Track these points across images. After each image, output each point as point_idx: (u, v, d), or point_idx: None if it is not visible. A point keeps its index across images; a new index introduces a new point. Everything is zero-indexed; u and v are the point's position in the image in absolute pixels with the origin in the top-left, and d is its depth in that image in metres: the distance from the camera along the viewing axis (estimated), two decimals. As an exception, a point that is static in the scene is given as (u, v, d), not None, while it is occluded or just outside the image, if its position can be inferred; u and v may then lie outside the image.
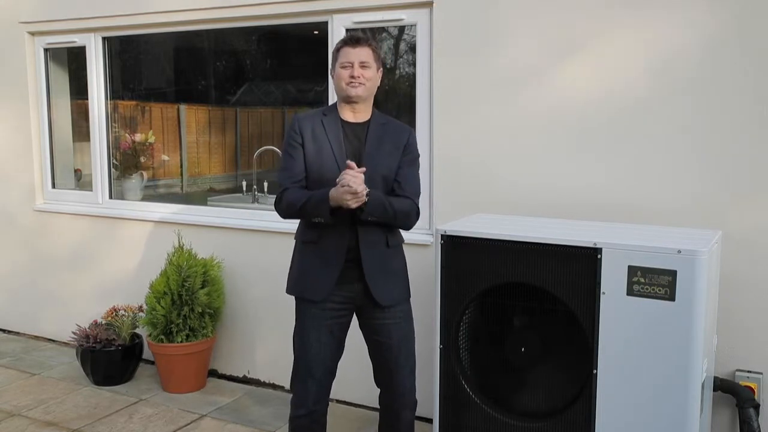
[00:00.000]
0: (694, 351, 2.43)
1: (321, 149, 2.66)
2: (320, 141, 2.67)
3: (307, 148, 2.67)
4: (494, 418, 2.81)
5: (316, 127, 2.68)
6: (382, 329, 2.74)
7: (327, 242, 2.67)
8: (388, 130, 2.75)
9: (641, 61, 3.10)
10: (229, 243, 4.29)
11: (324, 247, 2.67)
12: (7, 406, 3.93)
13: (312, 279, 2.70)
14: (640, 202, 3.16)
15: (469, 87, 3.47)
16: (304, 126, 2.69)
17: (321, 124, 2.69)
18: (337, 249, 2.66)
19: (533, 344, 2.74)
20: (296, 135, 2.69)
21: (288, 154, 2.71)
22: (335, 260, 2.66)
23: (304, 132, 2.68)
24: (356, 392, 3.93)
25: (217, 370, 4.42)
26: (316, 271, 2.69)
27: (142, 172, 4.92)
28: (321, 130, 2.68)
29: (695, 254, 2.40)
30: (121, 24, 4.51)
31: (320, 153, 2.66)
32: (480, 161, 3.48)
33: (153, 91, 5.22)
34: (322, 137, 2.67)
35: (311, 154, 2.67)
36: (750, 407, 2.91)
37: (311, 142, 2.67)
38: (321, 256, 2.68)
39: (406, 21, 3.68)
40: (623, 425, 2.56)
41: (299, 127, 2.69)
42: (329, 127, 2.69)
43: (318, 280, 2.68)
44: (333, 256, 2.66)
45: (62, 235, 4.94)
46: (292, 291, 2.78)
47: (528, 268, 2.68)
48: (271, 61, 4.92)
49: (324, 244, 2.67)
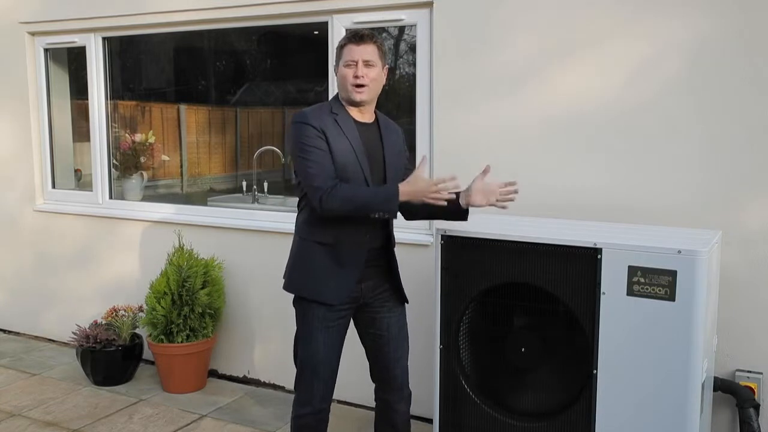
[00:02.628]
0: (694, 351, 2.43)
1: (345, 151, 2.57)
2: (342, 142, 2.57)
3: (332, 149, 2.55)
4: (494, 418, 2.81)
5: (332, 127, 2.58)
6: (383, 323, 2.76)
7: (346, 244, 2.61)
8: (390, 130, 2.75)
9: (641, 61, 3.10)
10: (229, 243, 4.29)
11: (342, 249, 2.61)
12: (7, 406, 3.93)
13: (329, 282, 2.62)
14: (640, 202, 3.16)
15: (469, 87, 3.47)
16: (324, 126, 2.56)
17: (336, 123, 2.59)
18: (357, 252, 2.61)
19: (533, 344, 2.74)
20: (319, 132, 2.54)
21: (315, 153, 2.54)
22: (356, 264, 2.62)
23: (327, 132, 2.56)
24: (356, 392, 3.93)
25: (217, 370, 4.42)
26: (333, 273, 2.62)
27: (142, 173, 4.92)
28: (338, 129, 2.58)
29: (695, 254, 2.40)
30: (121, 24, 4.51)
31: (345, 154, 2.56)
32: (480, 161, 3.48)
33: (153, 91, 5.22)
34: (341, 138, 2.57)
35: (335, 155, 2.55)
36: (750, 407, 2.91)
37: (334, 142, 2.56)
38: (338, 259, 2.61)
39: (406, 21, 3.68)
40: (623, 425, 2.56)
41: (320, 126, 2.55)
42: (345, 127, 2.59)
43: (335, 283, 2.62)
44: (353, 259, 2.61)
45: (62, 235, 4.94)
46: (304, 293, 2.67)
47: (528, 268, 2.68)
48: (271, 61, 4.93)
49: (342, 246, 2.61)
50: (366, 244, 2.63)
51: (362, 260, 2.63)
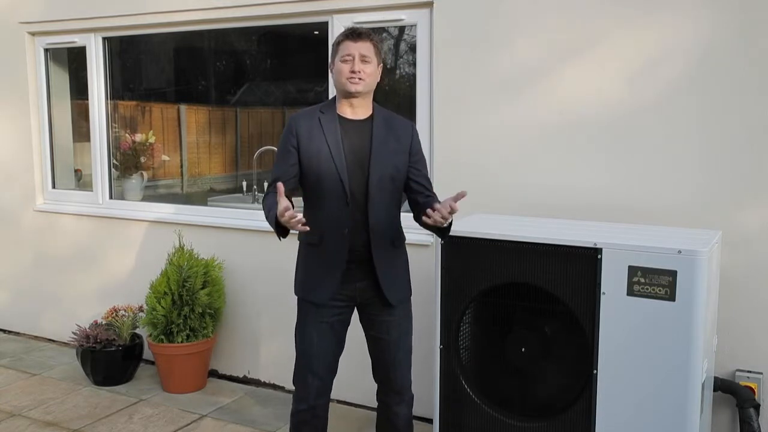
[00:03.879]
0: (694, 351, 2.43)
1: (318, 150, 2.61)
2: (317, 141, 2.62)
3: (303, 150, 2.63)
4: (494, 418, 2.81)
5: (314, 127, 2.63)
6: (381, 326, 2.75)
7: (328, 244, 2.65)
8: (391, 126, 2.70)
9: (642, 62, 3.10)
10: (229, 243, 4.29)
11: (325, 250, 2.66)
12: (8, 407, 3.93)
13: (314, 282, 2.69)
14: (640, 202, 3.16)
15: (469, 87, 3.47)
16: (300, 126, 2.64)
17: (318, 123, 2.63)
18: (338, 251, 2.64)
19: (533, 344, 2.74)
20: (292, 137, 2.64)
21: (279, 157, 2.68)
22: (336, 263, 2.65)
23: (300, 133, 2.63)
24: (357, 393, 3.94)
25: (218, 370, 4.42)
26: (318, 274, 2.68)
27: (142, 173, 4.92)
28: (318, 130, 2.62)
29: (695, 254, 2.40)
30: (121, 24, 4.51)
31: (318, 154, 2.61)
32: (480, 161, 3.48)
33: (153, 92, 5.22)
34: (319, 137, 2.62)
35: (308, 155, 2.62)
36: (750, 407, 2.91)
37: (308, 143, 2.62)
38: (322, 259, 2.67)
39: (406, 21, 3.68)
40: (623, 425, 2.57)
41: (295, 127, 2.64)
42: (327, 126, 2.63)
43: (320, 283, 2.67)
44: (334, 258, 2.65)
45: (62, 235, 4.94)
46: (298, 292, 2.77)
47: (528, 268, 2.68)
48: (271, 61, 4.92)
49: (325, 246, 2.65)
50: (347, 244, 2.63)
51: (343, 260, 2.64)
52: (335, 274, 2.65)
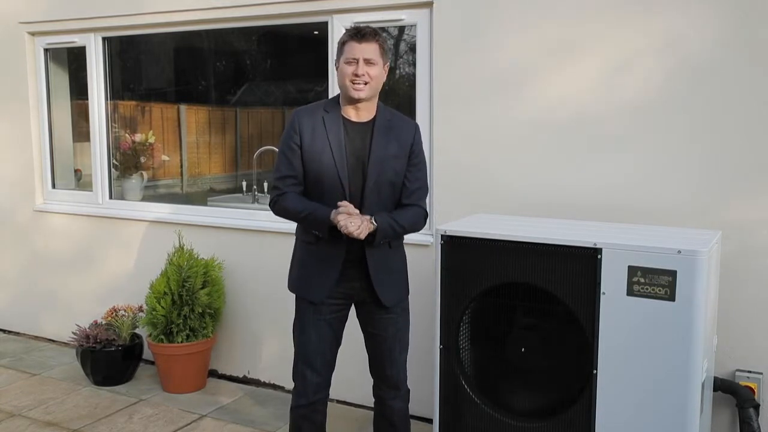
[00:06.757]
0: (694, 351, 2.43)
1: (321, 151, 2.60)
2: (320, 141, 2.61)
3: (306, 149, 2.61)
4: (494, 418, 2.81)
5: (317, 126, 2.62)
6: (378, 323, 2.77)
7: (326, 243, 2.65)
8: (393, 127, 2.68)
9: (641, 62, 3.10)
10: (228, 243, 4.29)
11: (323, 249, 2.66)
12: (8, 407, 3.93)
13: (311, 280, 2.70)
14: (640, 202, 3.16)
15: (469, 87, 3.47)
16: (303, 123, 2.62)
17: (322, 122, 2.62)
18: (336, 251, 2.65)
19: (533, 344, 2.74)
20: (295, 135, 2.62)
21: (284, 155, 2.66)
22: (334, 262, 2.66)
23: (304, 131, 2.62)
24: (356, 392, 3.93)
25: (217, 370, 4.42)
26: (315, 272, 2.69)
27: (142, 173, 4.92)
28: (322, 129, 2.61)
29: (695, 254, 2.40)
30: (121, 24, 4.51)
31: (320, 155, 2.60)
32: (480, 161, 3.48)
33: (153, 92, 5.22)
34: (322, 137, 2.61)
35: (310, 154, 2.61)
36: (750, 407, 2.91)
37: (310, 141, 2.61)
38: (320, 258, 2.68)
39: (406, 21, 3.68)
40: (623, 425, 2.56)
41: (299, 125, 2.62)
42: (330, 126, 2.62)
43: (317, 282, 2.69)
44: (332, 257, 2.66)
45: (62, 235, 4.94)
46: (292, 289, 2.79)
47: (528, 268, 2.68)
48: (271, 61, 4.92)
49: (323, 246, 2.66)
50: (344, 245, 2.63)
51: (340, 259, 2.65)
52: (331, 274, 2.66)
